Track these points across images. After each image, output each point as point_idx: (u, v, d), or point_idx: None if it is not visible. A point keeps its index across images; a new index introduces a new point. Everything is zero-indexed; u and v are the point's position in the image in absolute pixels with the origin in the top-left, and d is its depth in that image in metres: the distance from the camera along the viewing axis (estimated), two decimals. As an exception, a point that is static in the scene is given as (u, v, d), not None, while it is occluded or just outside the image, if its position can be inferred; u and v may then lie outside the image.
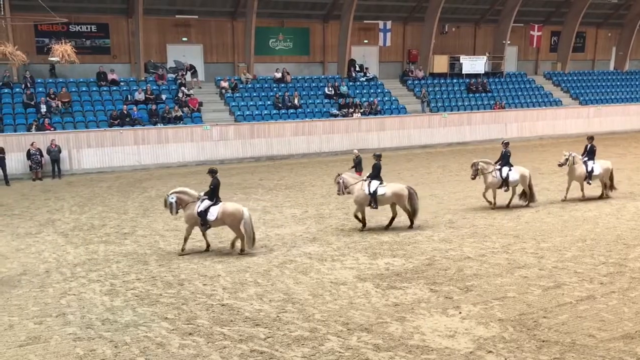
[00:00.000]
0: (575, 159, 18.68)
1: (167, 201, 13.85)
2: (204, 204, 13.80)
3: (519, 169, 18.09)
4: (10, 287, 12.11)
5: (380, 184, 15.84)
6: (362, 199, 15.71)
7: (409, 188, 16.03)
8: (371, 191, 15.65)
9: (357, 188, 15.84)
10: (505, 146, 18.35)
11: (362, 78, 34.70)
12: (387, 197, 15.83)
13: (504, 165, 17.92)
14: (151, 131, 26.40)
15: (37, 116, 25.50)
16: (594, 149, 18.97)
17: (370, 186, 15.71)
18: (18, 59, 19.06)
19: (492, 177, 17.77)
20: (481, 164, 17.77)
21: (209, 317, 10.50)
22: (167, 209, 14.06)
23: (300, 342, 9.47)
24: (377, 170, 16.04)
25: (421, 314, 10.44)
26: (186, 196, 13.90)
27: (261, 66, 33.27)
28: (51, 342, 9.63)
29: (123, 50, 30.97)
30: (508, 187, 17.89)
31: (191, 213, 13.81)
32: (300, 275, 12.52)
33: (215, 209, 13.78)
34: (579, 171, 18.68)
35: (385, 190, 15.76)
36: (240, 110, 29.54)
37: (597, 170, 18.81)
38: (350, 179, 16.14)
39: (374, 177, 15.90)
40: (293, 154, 28.83)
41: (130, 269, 13.13)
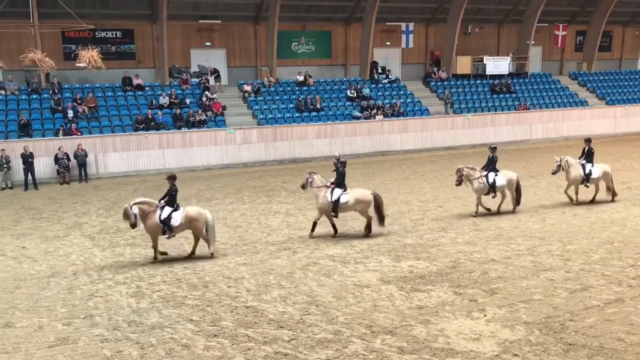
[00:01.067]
0: (568, 162, 18.19)
1: (129, 213, 13.42)
2: (165, 211, 13.61)
3: (505, 173, 17.60)
4: (39, 289, 12.35)
5: (344, 191, 15.51)
6: (326, 206, 15.47)
7: (374, 194, 15.68)
8: (333, 199, 15.37)
9: (321, 195, 15.54)
10: (492, 151, 17.68)
11: (384, 80, 34.62)
12: (350, 205, 15.52)
13: (491, 170, 17.31)
14: (176, 135, 26.68)
15: (65, 121, 25.95)
16: (592, 151, 18.39)
17: (332, 194, 15.41)
18: (46, 65, 19.50)
19: (478, 183, 17.17)
20: (466, 169, 17.15)
21: (234, 319, 10.57)
22: (127, 221, 13.64)
23: (324, 344, 9.49)
24: (342, 177, 15.72)
25: (445, 317, 10.38)
26: (147, 206, 13.67)
27: (284, 69, 33.41)
28: (79, 343, 9.79)
29: (148, 56, 31.38)
30: (495, 192, 17.30)
31: (153, 222, 13.55)
32: (323, 278, 12.54)
33: (178, 215, 13.67)
34: (574, 174, 18.18)
35: (348, 198, 15.42)
36: (263, 113, 29.70)
37: (596, 173, 18.31)
38: (319, 181, 15.80)
39: (339, 184, 15.62)
40: (315, 157, 28.88)
41: (155, 271, 13.29)
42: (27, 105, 26.87)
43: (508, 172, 17.85)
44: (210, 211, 14.26)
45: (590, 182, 18.37)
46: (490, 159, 17.56)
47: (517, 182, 17.61)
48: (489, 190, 17.26)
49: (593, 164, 18.40)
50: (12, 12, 22.43)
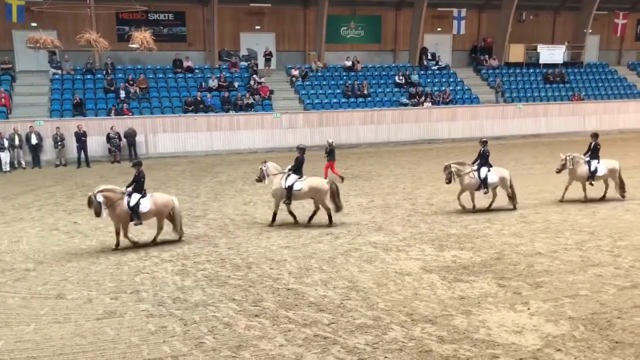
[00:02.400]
0: (574, 159, 17.39)
1: (93, 201, 12.97)
2: (133, 197, 13.41)
3: (498, 170, 16.90)
4: (89, 263, 12.78)
5: (299, 178, 15.28)
6: (280, 192, 15.29)
7: (330, 183, 15.41)
8: (287, 185, 15.16)
9: (276, 181, 15.39)
10: (483, 145, 16.85)
11: (434, 67, 34.12)
12: (304, 193, 15.27)
13: (483, 165, 16.54)
14: (223, 118, 27.02)
15: (117, 101, 26.62)
16: (597, 147, 17.54)
17: (287, 180, 15.20)
18: (101, 46, 19.99)
19: (469, 178, 16.41)
20: (454, 166, 16.37)
21: (275, 300, 10.70)
22: (92, 209, 13.14)
23: (364, 329, 9.51)
24: (299, 163, 15.47)
25: (488, 309, 10.24)
26: (112, 193, 13.29)
27: (332, 54, 33.31)
28: (125, 317, 10.11)
29: (198, 38, 31.79)
30: (487, 189, 16.56)
31: (121, 209, 13.29)
32: (364, 264, 12.54)
33: (147, 201, 13.53)
34: (580, 171, 17.37)
35: (302, 185, 15.18)
36: (309, 98, 29.73)
37: (602, 170, 17.45)
38: (273, 168, 15.60)
39: (295, 170, 15.39)
40: (361, 143, 28.78)
41: (200, 250, 13.56)
42: (82, 85, 27.64)
43: (501, 169, 17.10)
44: (253, 194, 14.44)
45: (596, 180, 17.51)
46: (482, 154, 16.66)
47: (511, 179, 16.81)
48: (480, 185, 16.56)
49: (599, 160, 17.50)
50: (69, -6, 23.15)
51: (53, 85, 27.17)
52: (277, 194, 15.31)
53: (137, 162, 14.15)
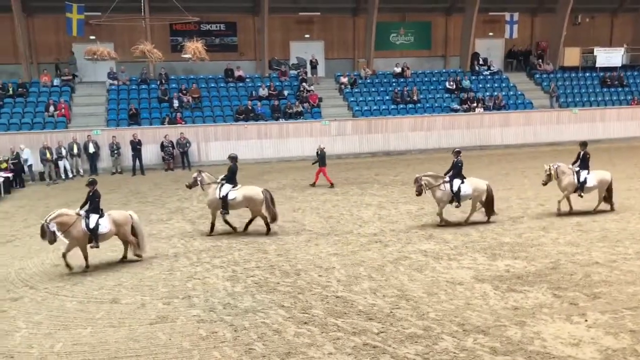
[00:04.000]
0: (558, 170, 16.45)
1: (46, 230, 12.29)
2: (92, 219, 12.80)
3: (472, 181, 16.02)
4: (143, 268, 13.08)
5: (233, 187, 15.06)
6: (215, 202, 15.04)
7: (264, 192, 15.20)
8: (222, 195, 14.94)
9: (210, 192, 15.15)
10: (456, 155, 15.92)
11: (485, 72, 33.53)
12: (239, 202, 15.07)
13: (455, 177, 15.71)
14: (273, 126, 27.28)
15: (170, 110, 27.27)
16: (587, 156, 16.54)
17: (221, 190, 14.96)
18: (155, 56, 20.50)
19: (440, 191, 15.66)
20: (425, 178, 15.61)
21: (324, 307, 10.68)
22: (46, 240, 12.44)
23: (414, 339, 9.37)
24: (232, 173, 15.27)
25: (543, 320, 9.93)
26: (66, 217, 12.60)
27: (381, 61, 33.20)
28: (177, 322, 10.29)
29: (249, 48, 32.29)
30: (459, 202, 15.74)
31: (79, 232, 12.64)
32: (415, 273, 12.37)
33: (105, 221, 12.96)
34: (566, 182, 16.41)
35: (236, 194, 14.97)
36: (358, 105, 29.70)
37: (591, 181, 16.45)
38: (207, 178, 15.35)
39: (228, 180, 15.15)
40: (410, 150, 28.52)
41: (250, 257, 13.69)
42: (137, 95, 28.46)
43: (476, 179, 16.25)
44: (302, 201, 14.45)
45: (585, 192, 16.55)
46: (454, 164, 15.80)
47: (488, 191, 15.92)
48: (452, 198, 15.75)
49: (589, 170, 16.55)
50: (126, 7, 23.82)
51: (110, 96, 28.07)
52: (213, 204, 15.15)
53: (91, 180, 13.43)
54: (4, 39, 28.55)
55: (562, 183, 16.44)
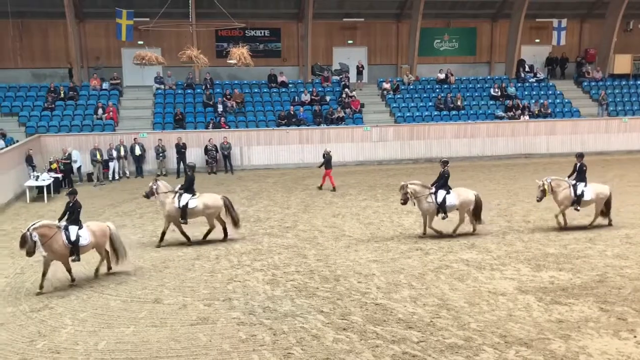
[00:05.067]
0: (553, 183, 15.74)
1: (28, 240, 11.55)
2: (72, 231, 12.21)
3: (460, 191, 15.54)
4: (185, 269, 13.30)
5: (193, 196, 14.84)
6: (174, 212, 14.78)
7: (224, 198, 15.07)
8: (181, 205, 14.70)
9: (168, 202, 14.80)
10: (443, 165, 15.66)
11: (531, 79, 32.88)
12: (199, 210, 14.87)
13: (441, 187, 15.34)
14: (315, 131, 27.36)
15: (215, 115, 27.67)
16: (583, 168, 15.82)
17: (180, 199, 14.70)
18: (201, 62, 20.85)
19: (426, 202, 15.28)
20: (411, 186, 15.21)
21: (363, 314, 10.64)
22: (24, 249, 11.65)
23: (454, 349, 9.24)
24: (190, 182, 15.13)
25: (588, 334, 9.65)
26: (47, 229, 11.91)
27: (424, 67, 32.97)
28: (218, 324, 10.41)
29: (292, 54, 32.53)
30: (445, 213, 15.33)
31: (60, 245, 12.02)
32: (456, 282, 12.20)
33: (85, 233, 12.41)
34: (562, 196, 15.70)
35: (196, 203, 14.76)
36: (400, 111, 29.52)
37: (589, 195, 15.69)
38: (164, 187, 15.05)
39: (187, 189, 14.94)
40: (453, 157, 28.10)
41: (290, 261, 13.75)
42: (182, 99, 29.00)
43: (463, 190, 15.82)
44: (342, 206, 14.38)
45: (583, 205, 15.82)
46: (441, 175, 15.46)
47: (477, 201, 15.46)
48: (438, 210, 15.26)
49: (586, 183, 15.86)
50: (173, 13, 24.34)
51: (156, 100, 28.68)
52: (172, 214, 14.86)
53: (71, 190, 13.01)
54: (57, 44, 29.53)
55: (558, 197, 15.83)
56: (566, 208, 15.84)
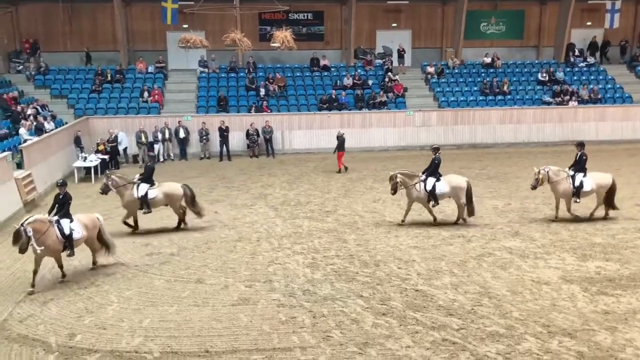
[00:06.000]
0: (550, 173, 15.09)
1: (22, 235, 10.87)
2: (64, 224, 11.63)
3: (451, 178, 15.08)
4: (227, 251, 13.49)
5: (151, 186, 14.56)
6: (132, 203, 14.49)
7: (184, 187, 14.79)
8: (141, 195, 14.46)
9: (127, 193, 14.53)
10: (434, 152, 15.29)
11: (581, 64, 31.84)
12: (159, 200, 14.63)
13: (431, 175, 14.98)
14: (356, 116, 27.21)
15: (257, 99, 27.82)
16: (583, 158, 15.16)
17: (139, 189, 14.45)
18: (244, 45, 20.91)
19: (415, 190, 14.96)
20: (400, 176, 15.02)
21: (403, 300, 10.60)
22: (18, 245, 10.91)
23: (495, 338, 9.12)
24: (150, 172, 14.86)
25: (636, 326, 9.38)
26: (40, 223, 11.22)
27: (470, 51, 32.31)
28: (258, 305, 10.54)
29: (335, 37, 32.32)
30: (436, 201, 14.94)
31: (54, 240, 11.40)
32: (498, 270, 12.02)
33: (77, 226, 11.86)
34: (563, 187, 15.06)
35: (156, 193, 14.51)
36: (444, 95, 29.07)
37: (588, 185, 15.02)
38: (119, 180, 14.72)
39: (146, 179, 14.66)
40: (498, 143, 27.61)
41: (330, 245, 13.78)
42: (226, 82, 29.23)
43: (455, 177, 15.34)
44: (383, 192, 14.23)
45: (583, 196, 15.16)
46: (431, 161, 15.18)
47: (468, 189, 14.99)
48: (428, 197, 14.94)
49: (586, 173, 15.20)
50: (218, -4, 24.46)
51: (200, 83, 29.00)
52: (131, 205, 14.71)
53: (62, 182, 12.33)
54: (104, 27, 30.07)
55: (557, 190, 15.30)
56: (569, 200, 15.33)
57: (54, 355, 8.93)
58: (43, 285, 11.64)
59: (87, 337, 9.47)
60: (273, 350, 8.94)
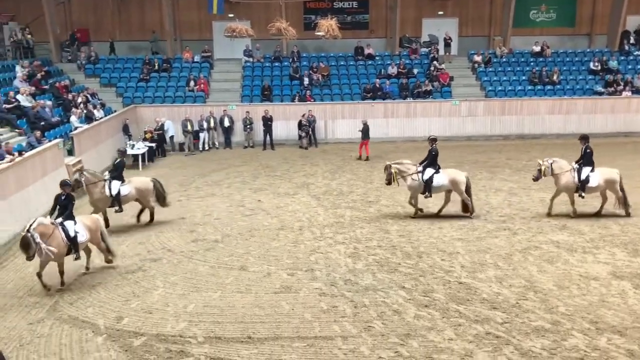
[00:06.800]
0: (554, 165, 14.51)
1: (31, 243, 10.30)
2: (69, 226, 11.10)
3: (450, 172, 14.72)
4: (269, 239, 13.60)
5: (122, 183, 14.14)
6: (102, 201, 14.00)
7: (153, 180, 14.50)
8: (114, 193, 14.03)
9: (97, 190, 13.97)
10: (431, 142, 14.98)
11: (636, 52, 30.65)
12: (132, 195, 14.27)
13: (429, 165, 14.70)
14: (400, 105, 26.95)
15: (300, 88, 27.85)
16: (587, 151, 14.43)
17: (111, 187, 14.01)
18: (290, 34, 20.94)
19: (411, 180, 14.70)
20: (394, 167, 14.88)
21: (445, 292, 10.49)
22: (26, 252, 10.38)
23: (540, 333, 8.94)
24: (120, 168, 14.36)
25: (691, 326, 9.03)
26: (44, 227, 10.66)
27: (518, 39, 31.50)
28: (300, 293, 10.61)
29: (380, 26, 32.01)
30: (430, 193, 14.72)
31: (59, 244, 10.86)
32: (545, 264, 11.75)
33: (82, 229, 11.32)
34: (565, 180, 14.45)
35: (129, 189, 14.14)
36: (492, 85, 28.47)
37: (595, 180, 14.30)
38: (92, 177, 14.13)
39: (116, 177, 14.21)
40: (546, 134, 26.91)
41: (372, 235, 13.73)
42: (270, 72, 29.37)
43: (453, 171, 14.99)
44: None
45: (587, 192, 14.47)
46: (428, 153, 14.94)
47: (467, 182, 14.78)
48: (424, 189, 14.73)
49: (593, 168, 14.47)
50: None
51: (245, 72, 29.22)
52: (101, 203, 14.20)
53: (63, 181, 11.86)
54: (153, 17, 30.53)
55: (560, 182, 14.77)
56: (572, 194, 14.80)
57: (102, 337, 9.20)
58: (92, 268, 12.01)
59: (133, 320, 9.73)
60: (314, 338, 8.98)
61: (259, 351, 8.67)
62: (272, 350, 8.67)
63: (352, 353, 8.55)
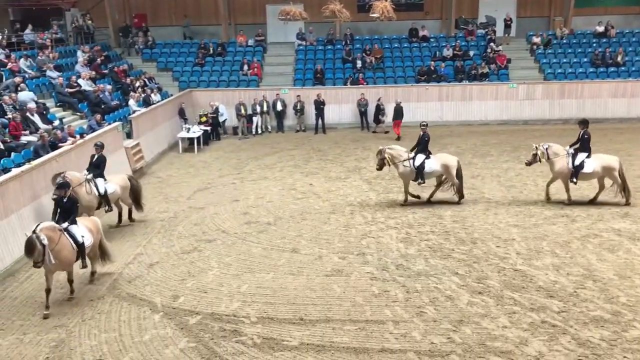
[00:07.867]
0: (549, 150, 13.85)
1: (37, 245, 9.19)
2: (75, 232, 10.17)
3: (441, 157, 14.22)
4: (321, 222, 13.65)
5: (106, 181, 13.47)
6: (94, 201, 13.22)
7: (130, 178, 13.91)
8: (101, 192, 13.24)
9: (83, 191, 12.82)
10: (423, 128, 14.64)
11: None
12: (116, 194, 13.62)
13: (420, 152, 14.41)
14: (455, 88, 26.42)
15: (353, 71, 27.66)
16: (585, 137, 13.66)
17: (98, 187, 13.24)
18: (343, 16, 20.85)
19: (403, 166, 14.44)
20: (389, 151, 14.52)
21: (500, 279, 10.29)
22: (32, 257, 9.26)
23: (599, 323, 8.66)
24: (102, 163, 13.55)
25: None
26: (51, 232, 9.60)
27: (580, 19, 30.29)
28: (351, 277, 10.62)
29: (435, 7, 31.39)
30: (423, 179, 14.39)
31: (69, 250, 9.92)
32: (605, 252, 11.36)
33: (85, 231, 10.42)
34: (559, 166, 13.80)
35: (114, 187, 13.52)
36: (551, 67, 27.54)
37: (590, 166, 13.63)
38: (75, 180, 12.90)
39: (99, 175, 13.38)
40: (609, 118, 25.86)
41: (425, 220, 13.58)
42: (322, 55, 29.28)
43: (446, 155, 14.46)
44: (482, 167, 13.63)
45: (581, 178, 13.79)
46: (420, 139, 14.62)
47: (459, 168, 14.46)
48: (415, 175, 14.44)
49: (590, 154, 13.71)
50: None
51: (297, 56, 29.23)
52: (91, 204, 13.15)
53: (62, 183, 10.99)
54: (207, 2, 30.95)
55: (554, 167, 14.23)
56: (567, 180, 14.22)
57: (159, 315, 9.48)
58: (151, 248, 12.37)
59: (189, 299, 9.97)
60: (366, 322, 8.99)
61: (310, 333, 8.74)
62: (324, 333, 8.73)
63: (403, 338, 8.52)
